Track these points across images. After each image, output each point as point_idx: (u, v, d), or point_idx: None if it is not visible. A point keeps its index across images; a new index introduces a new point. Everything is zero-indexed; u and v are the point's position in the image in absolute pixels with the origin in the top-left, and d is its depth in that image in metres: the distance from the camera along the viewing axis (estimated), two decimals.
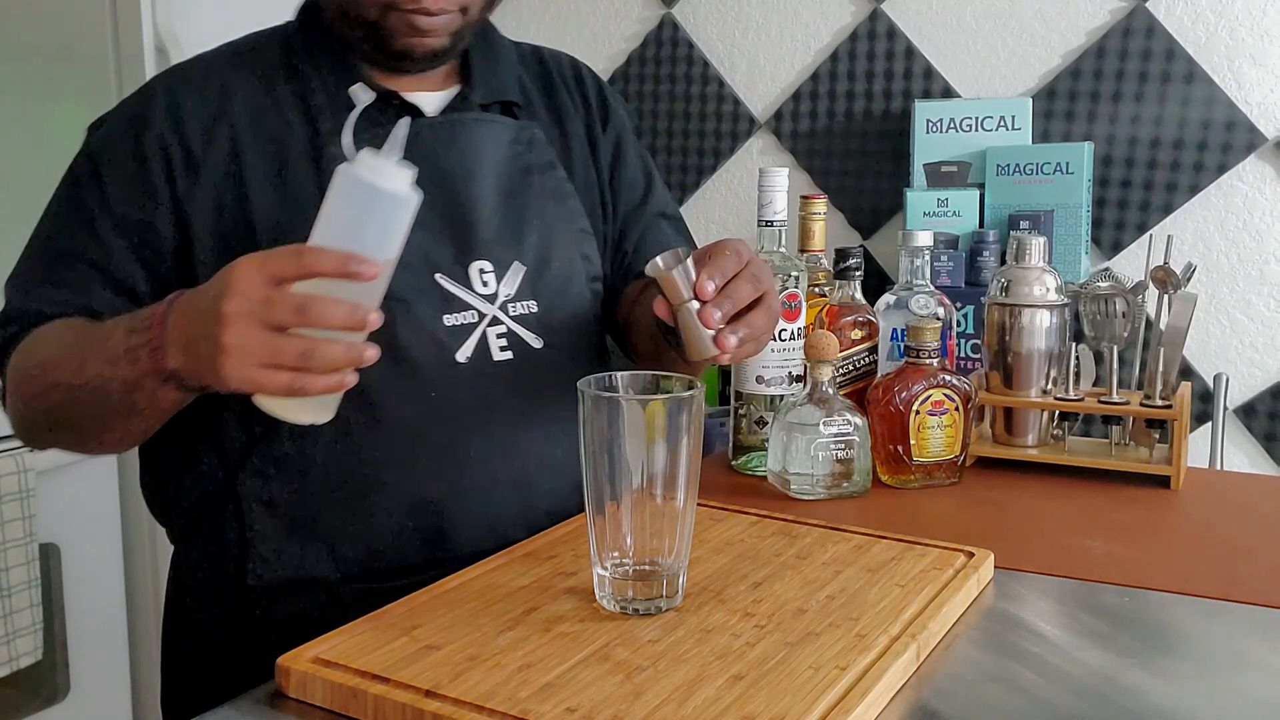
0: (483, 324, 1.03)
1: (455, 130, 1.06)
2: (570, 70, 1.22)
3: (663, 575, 0.83)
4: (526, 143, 1.11)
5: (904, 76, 1.89)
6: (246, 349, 0.77)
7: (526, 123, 1.12)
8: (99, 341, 0.89)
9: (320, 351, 0.77)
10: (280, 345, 0.77)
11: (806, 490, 1.20)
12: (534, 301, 1.07)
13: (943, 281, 1.64)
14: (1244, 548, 1.07)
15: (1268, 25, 1.66)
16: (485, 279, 1.04)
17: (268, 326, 0.77)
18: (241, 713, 0.74)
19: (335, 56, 1.05)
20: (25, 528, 1.67)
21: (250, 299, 0.77)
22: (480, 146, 1.06)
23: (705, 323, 0.86)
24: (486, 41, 1.14)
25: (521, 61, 1.18)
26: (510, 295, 1.05)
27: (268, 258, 0.78)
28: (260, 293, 0.77)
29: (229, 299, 0.77)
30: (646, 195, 1.23)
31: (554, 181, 1.12)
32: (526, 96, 1.15)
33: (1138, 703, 0.75)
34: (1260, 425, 1.71)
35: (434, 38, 1.02)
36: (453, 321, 1.02)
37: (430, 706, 0.69)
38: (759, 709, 0.68)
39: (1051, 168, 1.69)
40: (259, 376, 0.78)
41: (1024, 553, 1.04)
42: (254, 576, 1.00)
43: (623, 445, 0.79)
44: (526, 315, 1.06)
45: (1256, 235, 1.69)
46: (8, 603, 1.65)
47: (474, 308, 1.03)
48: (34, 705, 1.77)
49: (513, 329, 1.05)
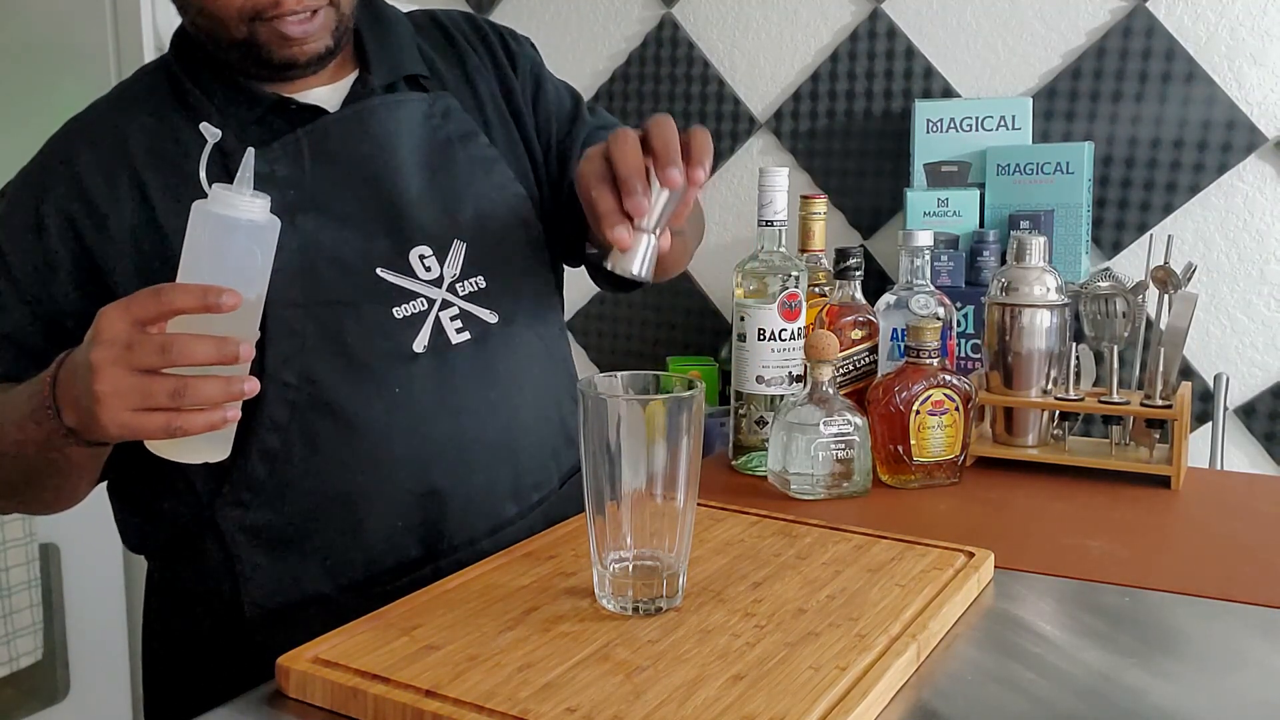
0: (434, 309, 1.01)
1: (364, 119, 1.02)
2: (468, 26, 1.16)
3: (663, 575, 0.83)
4: (442, 114, 1.06)
5: (904, 76, 1.89)
6: (118, 394, 0.77)
7: (438, 94, 1.07)
8: (12, 406, 0.89)
9: (192, 388, 0.77)
10: (150, 387, 0.76)
11: (806, 490, 1.20)
12: (480, 277, 1.04)
13: (943, 281, 1.64)
14: (1244, 548, 1.07)
15: (1268, 25, 1.66)
16: (427, 264, 1.02)
17: (136, 370, 0.76)
18: (241, 712, 0.74)
19: (219, 75, 1.01)
20: (25, 527, 1.68)
21: (115, 344, 0.77)
22: (394, 130, 1.03)
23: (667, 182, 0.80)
24: (375, 18, 1.09)
25: (419, 30, 1.13)
26: (456, 275, 1.03)
27: (130, 301, 0.78)
28: (125, 336, 0.77)
29: (96, 348, 0.77)
30: (575, 115, 1.17)
31: (477, 149, 1.08)
32: (431, 65, 1.10)
33: (1137, 703, 0.75)
34: (1260, 425, 1.71)
35: (313, 41, 0.98)
36: (402, 313, 1.00)
37: (430, 706, 0.69)
38: (759, 709, 0.68)
39: (1052, 168, 1.69)
40: (135, 421, 0.77)
41: (1024, 553, 1.04)
42: (251, 607, 0.99)
43: (622, 445, 0.79)
44: (476, 292, 1.04)
45: (1257, 235, 1.69)
46: (7, 602, 1.65)
47: (421, 295, 1.01)
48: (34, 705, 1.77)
49: (465, 308, 1.03)
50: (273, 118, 1.01)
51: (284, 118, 1.01)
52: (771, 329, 1.28)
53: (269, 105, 1.01)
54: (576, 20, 2.15)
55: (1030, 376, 1.32)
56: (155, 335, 0.77)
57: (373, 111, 1.03)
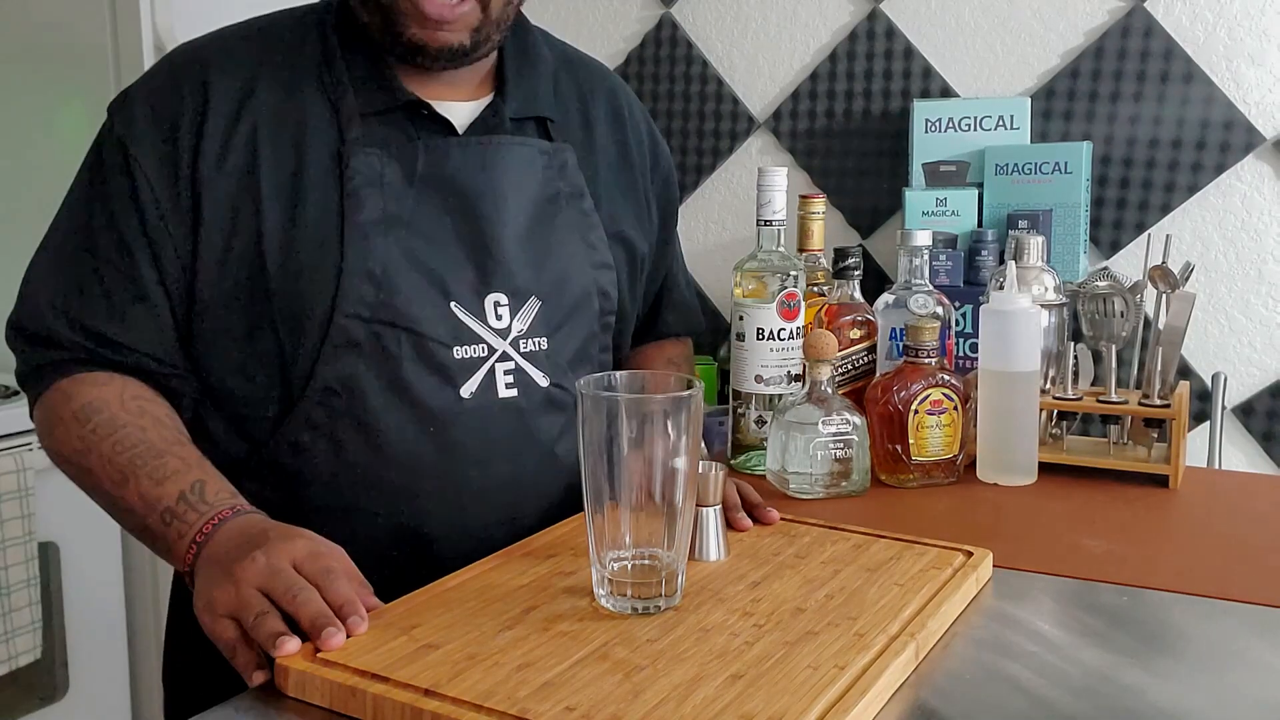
0: (492, 359, 1.00)
1: (485, 153, 1.02)
2: (608, 93, 1.17)
3: (661, 574, 0.83)
4: (558, 168, 1.07)
5: (903, 76, 1.89)
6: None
7: (559, 145, 1.08)
8: (150, 479, 0.91)
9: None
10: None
11: (805, 489, 1.20)
12: (545, 339, 1.03)
13: (941, 281, 1.64)
14: (1242, 547, 1.07)
15: (1266, 25, 1.66)
16: (500, 312, 1.01)
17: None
18: (241, 712, 0.74)
19: (369, 52, 1.01)
20: (24, 526, 1.68)
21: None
22: (510, 170, 1.03)
23: (736, 525, 1.01)
24: (522, 48, 1.10)
25: (562, 68, 1.14)
26: (522, 331, 1.02)
27: (274, 574, 0.80)
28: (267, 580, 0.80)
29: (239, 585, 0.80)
30: (666, 247, 1.25)
31: (580, 211, 1.08)
32: (563, 109, 1.11)
33: (1136, 701, 0.75)
34: (1258, 424, 1.71)
35: (448, 32, 0.97)
36: (462, 354, 0.99)
37: (429, 705, 0.69)
38: (758, 708, 0.68)
39: (1050, 167, 1.69)
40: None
41: (1022, 552, 1.04)
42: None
43: (622, 445, 0.80)
44: (536, 352, 1.03)
45: (1254, 235, 1.69)
46: (7, 601, 1.65)
47: (485, 341, 1.00)
48: (33, 704, 1.77)
49: (521, 366, 1.02)
50: (401, 117, 1.01)
51: (413, 121, 1.01)
52: (770, 328, 1.29)
53: (402, 103, 1.01)
54: (576, 20, 2.15)
55: None
56: (297, 579, 0.79)
57: (496, 148, 1.03)
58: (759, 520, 1.03)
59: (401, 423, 0.98)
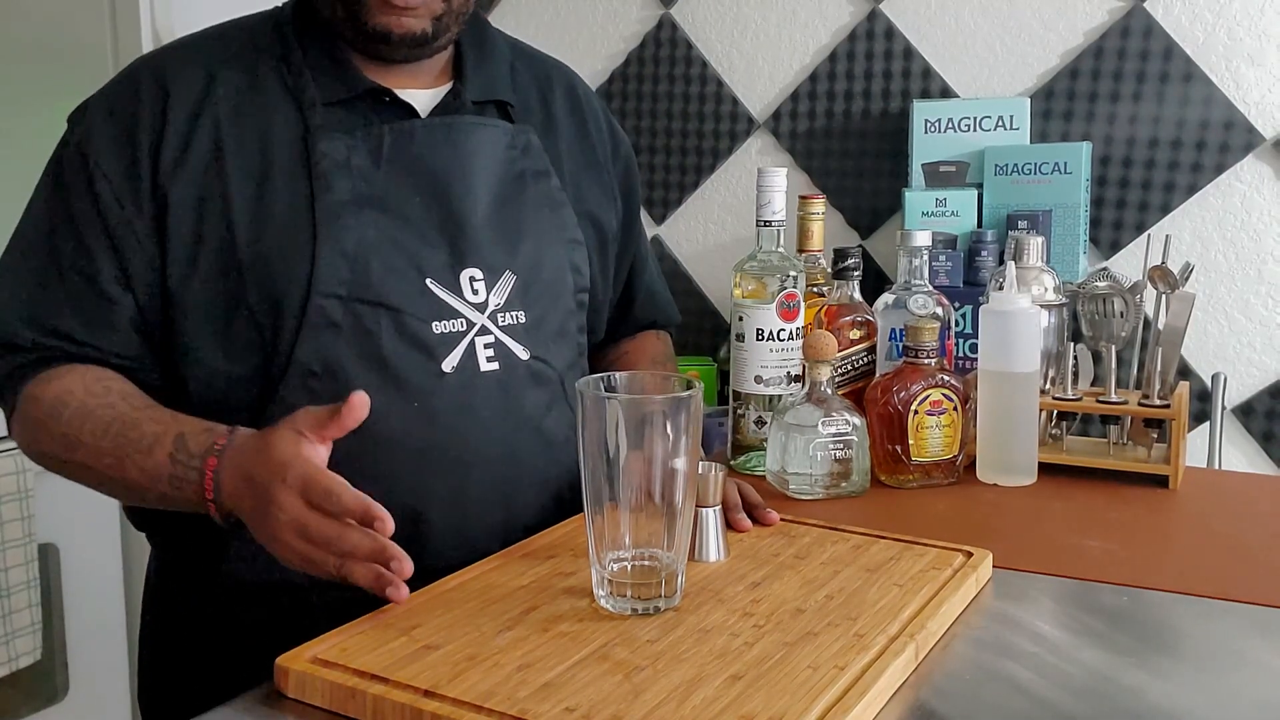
0: (471, 333, 1.02)
1: (450, 132, 1.04)
2: (564, 83, 1.19)
3: (661, 575, 0.83)
4: (521, 148, 1.09)
5: (902, 76, 1.89)
6: (294, 552, 0.84)
7: (522, 126, 1.10)
8: (138, 451, 0.92)
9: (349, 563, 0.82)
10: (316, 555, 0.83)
11: (805, 490, 1.20)
12: (522, 312, 1.05)
13: (941, 281, 1.64)
14: (1242, 547, 1.07)
15: (1265, 25, 1.66)
16: (475, 287, 1.02)
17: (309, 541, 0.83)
18: (240, 712, 0.74)
19: (327, 45, 1.03)
20: (24, 528, 1.67)
21: (293, 525, 0.83)
22: (475, 150, 1.05)
23: (736, 526, 1.02)
24: (479, 38, 1.12)
25: (518, 59, 1.16)
26: (499, 305, 1.03)
27: (307, 488, 0.83)
28: (300, 519, 0.83)
29: (276, 522, 0.83)
30: (631, 230, 1.26)
31: (547, 189, 1.10)
32: (522, 97, 1.13)
33: (1136, 702, 0.75)
34: (1258, 425, 1.71)
35: (411, 17, 1.00)
36: (441, 329, 1.00)
37: (429, 706, 0.69)
38: (757, 708, 0.68)
39: (1050, 168, 1.69)
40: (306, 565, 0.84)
41: (1022, 552, 1.04)
42: (229, 578, 0.99)
43: (622, 446, 0.80)
44: (514, 326, 1.04)
45: (1254, 235, 1.69)
46: (7, 603, 1.65)
47: (463, 316, 1.01)
48: (33, 705, 1.77)
49: (500, 339, 1.03)
50: (363, 105, 1.02)
51: (375, 110, 1.02)
52: (770, 329, 1.29)
53: (364, 91, 1.02)
54: (575, 20, 2.15)
55: None
56: (328, 526, 0.82)
57: (459, 127, 1.05)
58: (759, 521, 1.04)
59: (385, 401, 0.98)
